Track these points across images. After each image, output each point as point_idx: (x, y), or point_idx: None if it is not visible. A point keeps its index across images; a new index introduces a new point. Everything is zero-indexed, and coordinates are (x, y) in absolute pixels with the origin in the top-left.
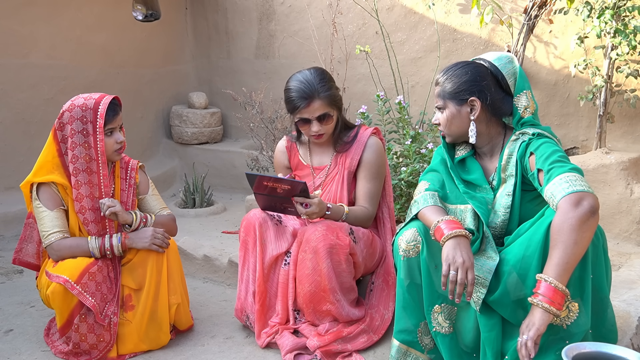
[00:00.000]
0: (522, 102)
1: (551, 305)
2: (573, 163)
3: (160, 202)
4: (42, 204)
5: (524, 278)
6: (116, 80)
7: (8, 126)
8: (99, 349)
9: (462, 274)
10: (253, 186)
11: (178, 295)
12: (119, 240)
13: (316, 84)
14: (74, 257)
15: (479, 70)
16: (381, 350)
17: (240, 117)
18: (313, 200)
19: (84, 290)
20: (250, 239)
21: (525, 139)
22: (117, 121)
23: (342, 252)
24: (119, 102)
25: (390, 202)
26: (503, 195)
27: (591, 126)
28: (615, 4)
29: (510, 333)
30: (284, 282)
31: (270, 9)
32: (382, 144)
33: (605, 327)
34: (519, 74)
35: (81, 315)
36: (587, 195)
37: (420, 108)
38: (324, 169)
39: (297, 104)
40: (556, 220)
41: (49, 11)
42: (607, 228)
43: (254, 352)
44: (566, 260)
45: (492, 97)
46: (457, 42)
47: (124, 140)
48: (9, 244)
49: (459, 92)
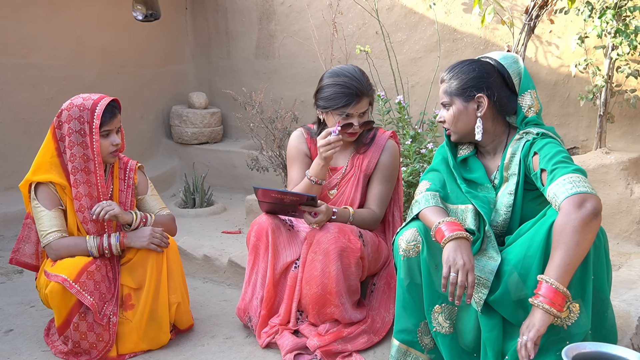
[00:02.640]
0: (527, 101)
1: (552, 307)
2: (577, 165)
3: (159, 202)
4: (40, 203)
5: (525, 278)
6: (116, 81)
7: (8, 126)
8: (98, 348)
9: (463, 276)
10: (259, 197)
11: (178, 295)
12: (117, 240)
13: (364, 81)
14: (72, 257)
15: (486, 68)
16: (381, 351)
17: (240, 117)
18: (320, 208)
19: (83, 289)
20: (262, 244)
21: (529, 138)
22: (114, 123)
23: (352, 256)
24: (118, 104)
25: (401, 206)
26: (505, 194)
27: (591, 126)
28: (616, 4)
29: (510, 333)
30: (292, 285)
31: (270, 9)
32: (398, 147)
33: (605, 327)
34: (523, 74)
35: (80, 314)
36: (590, 197)
37: (420, 108)
38: (340, 170)
39: (347, 100)
40: (559, 222)
41: (49, 11)
42: (607, 228)
43: (254, 352)
44: (568, 261)
45: (499, 94)
46: (457, 42)
47: (121, 142)
48: (9, 244)
49: (466, 89)
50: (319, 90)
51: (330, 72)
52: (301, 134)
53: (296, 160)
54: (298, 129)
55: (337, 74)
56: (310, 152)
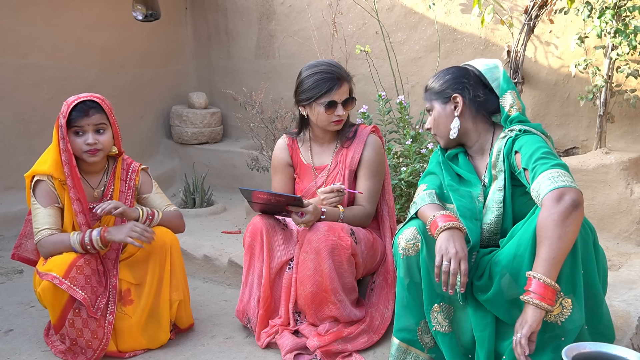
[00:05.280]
0: (508, 100)
1: (542, 301)
2: (558, 159)
3: (165, 199)
4: (37, 200)
5: (517, 277)
6: (116, 80)
7: (8, 126)
8: (93, 347)
9: (455, 264)
10: (247, 198)
11: (180, 292)
12: (98, 234)
13: (342, 68)
14: (60, 254)
15: (462, 71)
16: (381, 350)
17: (240, 117)
18: (307, 208)
19: (73, 284)
20: (257, 244)
21: (512, 135)
22: (88, 122)
23: (343, 253)
24: (101, 104)
25: (389, 200)
26: (495, 191)
27: (591, 126)
28: (615, 4)
29: (506, 333)
30: (287, 286)
31: (270, 9)
32: (381, 142)
33: (602, 322)
34: (502, 77)
35: (74, 310)
36: (569, 190)
37: (420, 108)
38: (325, 168)
39: (330, 85)
40: (540, 217)
41: (49, 11)
42: (607, 228)
43: (254, 352)
44: (552, 255)
45: (474, 93)
46: (457, 42)
47: (99, 143)
48: (9, 244)
49: (443, 91)
50: (299, 85)
51: (307, 65)
52: (284, 142)
53: (278, 172)
54: (282, 137)
55: (313, 65)
56: (292, 159)
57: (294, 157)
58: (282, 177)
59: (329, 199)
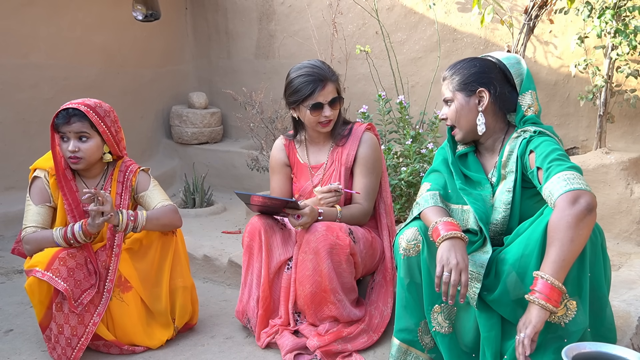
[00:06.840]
0: (527, 100)
1: (547, 302)
2: (572, 162)
3: (159, 196)
4: (30, 197)
5: (523, 277)
6: (116, 80)
7: (8, 126)
8: (72, 345)
9: (456, 276)
10: (244, 202)
11: (181, 280)
12: (80, 227)
13: (325, 68)
14: (42, 250)
15: (487, 64)
16: (381, 350)
17: (240, 117)
18: (304, 211)
19: (55, 275)
20: (256, 244)
21: (527, 136)
22: (69, 129)
23: (342, 253)
24: (85, 113)
25: (387, 198)
26: (503, 192)
27: (591, 126)
28: (615, 4)
29: (509, 333)
30: (286, 287)
31: (270, 9)
32: (377, 139)
33: (605, 325)
34: (526, 75)
35: (57, 304)
36: (584, 194)
37: (421, 108)
38: (321, 167)
39: (313, 87)
40: (553, 218)
41: (49, 11)
42: (607, 228)
43: (254, 352)
44: (563, 257)
45: (500, 89)
46: (457, 42)
47: (80, 150)
48: (8, 244)
49: (468, 84)
50: (286, 87)
51: (294, 67)
52: (281, 143)
53: (275, 172)
54: (279, 138)
55: (299, 67)
56: (289, 159)
57: (291, 157)
58: (280, 177)
59: (327, 199)
